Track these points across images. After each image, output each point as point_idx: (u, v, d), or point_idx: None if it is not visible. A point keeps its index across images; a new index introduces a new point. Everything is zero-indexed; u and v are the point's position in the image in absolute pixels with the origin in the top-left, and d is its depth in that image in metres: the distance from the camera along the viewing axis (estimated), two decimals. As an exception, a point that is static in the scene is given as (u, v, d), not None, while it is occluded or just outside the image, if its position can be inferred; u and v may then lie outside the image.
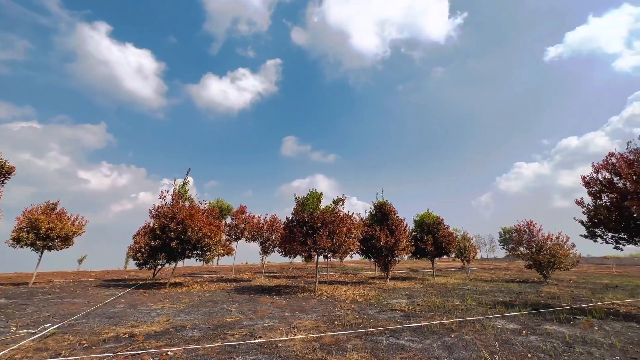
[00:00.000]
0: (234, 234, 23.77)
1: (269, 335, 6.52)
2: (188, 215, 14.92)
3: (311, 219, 13.46)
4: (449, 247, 21.07)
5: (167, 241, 14.79)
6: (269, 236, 21.46)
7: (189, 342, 6.08)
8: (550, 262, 18.05)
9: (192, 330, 7.08)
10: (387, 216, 18.54)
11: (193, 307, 10.12)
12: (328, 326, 7.41)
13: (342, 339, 6.24)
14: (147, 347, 5.71)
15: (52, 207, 17.47)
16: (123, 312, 9.37)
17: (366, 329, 7.11)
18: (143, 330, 7.00)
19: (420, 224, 21.94)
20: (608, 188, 9.45)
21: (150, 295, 13.05)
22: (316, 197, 14.56)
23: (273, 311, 9.42)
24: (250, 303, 11.00)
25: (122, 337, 6.50)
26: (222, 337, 6.40)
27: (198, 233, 14.88)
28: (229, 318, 8.37)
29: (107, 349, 5.66)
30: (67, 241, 17.51)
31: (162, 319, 8.16)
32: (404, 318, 8.37)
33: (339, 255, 16.69)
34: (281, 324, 7.68)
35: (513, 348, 5.66)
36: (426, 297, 12.39)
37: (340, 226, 13.55)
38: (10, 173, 8.17)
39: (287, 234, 14.19)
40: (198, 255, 16.52)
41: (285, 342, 6.07)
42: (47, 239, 16.58)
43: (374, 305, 10.44)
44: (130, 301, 11.51)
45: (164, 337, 6.48)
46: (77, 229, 17.95)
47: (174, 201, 16.28)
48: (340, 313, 9.07)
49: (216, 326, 7.44)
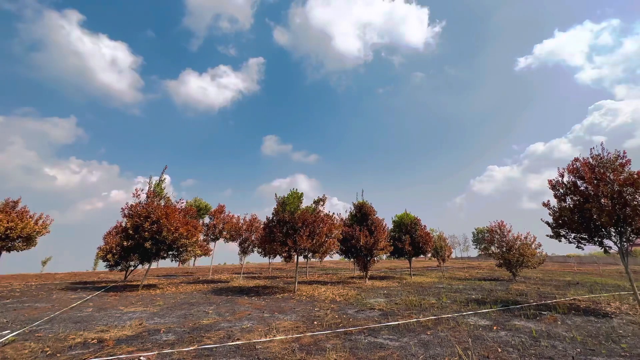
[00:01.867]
0: (212, 234, 23.19)
1: (248, 337, 6.42)
2: (164, 214, 14.40)
3: (292, 219, 13.39)
4: (425, 247, 21.66)
5: (140, 241, 14.19)
6: (248, 236, 21.15)
7: (163, 346, 5.86)
8: (519, 261, 19.02)
9: (167, 333, 6.83)
10: (367, 216, 18.80)
11: (168, 310, 9.77)
12: (307, 326, 7.41)
13: (322, 339, 6.25)
14: (117, 353, 5.45)
15: (13, 205, 16.30)
16: (91, 316, 8.89)
17: (345, 328, 7.17)
18: (113, 335, 6.67)
19: (399, 224, 22.42)
20: (572, 191, 10.08)
21: (122, 298, 12.47)
22: (297, 197, 14.50)
23: (252, 312, 9.29)
24: (228, 304, 10.78)
25: (90, 342, 6.16)
26: (199, 340, 6.23)
27: (174, 233, 14.39)
28: (205, 320, 8.15)
29: (73, 355, 5.35)
30: (29, 241, 16.40)
31: (134, 323, 7.82)
32: (382, 317, 8.51)
33: (319, 256, 16.71)
34: (260, 325, 7.58)
35: (485, 343, 5.90)
36: (403, 295, 12.67)
37: (321, 226, 13.58)
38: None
39: (267, 234, 14.04)
40: (174, 256, 15.98)
41: (264, 343, 6.00)
42: (7, 239, 15.44)
43: (353, 305, 10.55)
44: (100, 305, 10.94)
45: (136, 341, 6.21)
46: (41, 228, 16.86)
47: (149, 200, 15.65)
48: (320, 313, 9.09)
49: (192, 329, 7.23)
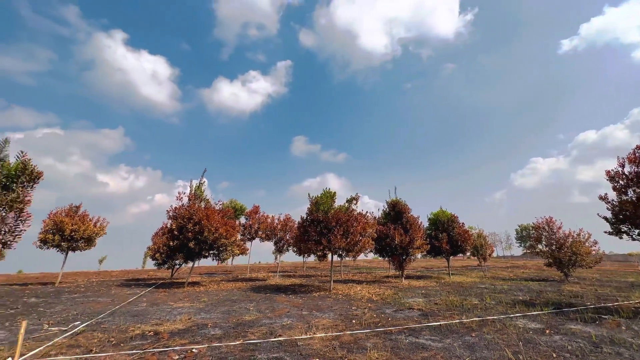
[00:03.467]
0: (248, 233, 24.09)
1: (289, 334, 6.62)
2: (204, 215, 15.22)
3: (325, 219, 13.51)
4: (464, 245, 20.74)
5: (185, 241, 15.14)
6: (282, 236, 21.66)
7: (212, 340, 6.24)
8: (572, 260, 17.52)
9: (214, 328, 7.25)
10: (401, 215, 18.40)
11: (212, 306, 10.34)
12: (346, 325, 7.46)
13: (361, 338, 6.27)
14: (172, 345, 5.90)
15: (75, 210, 18.15)
16: (146, 310, 9.68)
17: (385, 327, 7.12)
18: (167, 328, 7.22)
19: (435, 222, 21.67)
20: (635, 182, 9.11)
21: (170, 295, 13.40)
22: (330, 196, 14.60)
23: (290, 310, 9.53)
24: (267, 302, 11.15)
25: (148, 334, 6.73)
26: (244, 335, 6.54)
27: (214, 233, 15.16)
28: (248, 317, 8.52)
29: (134, 346, 5.88)
30: (89, 242, 18.16)
31: (183, 318, 8.39)
32: (422, 317, 8.32)
33: (352, 254, 16.71)
34: (299, 322, 7.77)
35: (537, 348, 5.56)
36: (443, 295, 12.26)
37: (355, 225, 13.55)
38: (39, 178, 8.54)
39: (302, 233, 14.29)
40: (214, 255, 16.84)
41: (305, 340, 6.15)
42: (71, 240, 17.24)
43: (391, 304, 10.41)
44: (152, 300, 11.86)
45: (187, 334, 6.67)
46: (99, 230, 18.59)
47: (191, 202, 16.63)
48: (357, 312, 9.10)
49: (236, 324, 7.60)
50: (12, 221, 7.95)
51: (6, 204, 7.78)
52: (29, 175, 8.28)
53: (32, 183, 8.49)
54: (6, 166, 7.96)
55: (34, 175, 8.48)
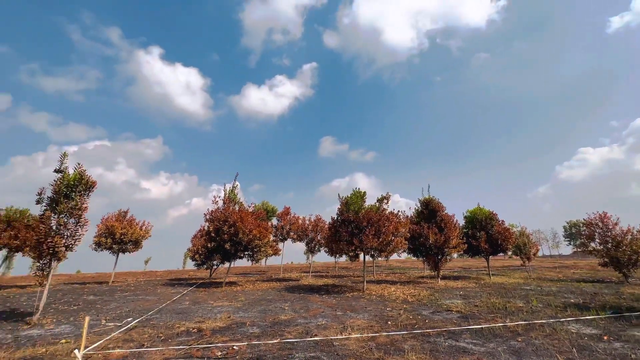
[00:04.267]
0: (280, 234, 24.60)
1: (324, 334, 6.68)
2: (239, 218, 15.81)
3: (356, 219, 13.44)
4: (505, 244, 19.56)
5: (221, 243, 15.83)
6: (314, 236, 21.87)
7: (251, 337, 6.48)
8: (632, 260, 15.85)
9: (252, 327, 7.52)
10: (435, 213, 17.79)
11: (249, 305, 10.71)
12: (382, 326, 7.37)
13: (398, 340, 6.17)
14: (214, 342, 6.21)
15: (124, 215, 19.70)
16: (189, 308, 10.26)
17: (422, 329, 6.94)
18: (209, 326, 7.61)
19: (471, 220, 20.69)
20: None
21: (210, 294, 14.08)
22: (360, 196, 14.51)
23: (324, 310, 9.61)
24: (301, 302, 11.33)
25: (192, 331, 7.14)
26: (280, 334, 6.71)
27: (248, 235, 15.69)
28: (283, 316, 8.72)
29: (181, 341, 6.27)
30: (137, 244, 19.61)
31: (223, 316, 8.79)
32: (462, 319, 7.99)
33: (385, 254, 16.45)
34: (334, 322, 7.81)
35: (594, 355, 5.12)
36: (484, 297, 11.67)
37: (387, 225, 13.34)
38: (93, 187, 9.39)
39: (333, 233, 14.33)
40: (249, 256, 17.41)
41: (341, 340, 6.18)
42: (121, 243, 18.73)
43: (427, 306, 10.11)
44: (194, 299, 12.54)
45: (228, 332, 6.98)
46: (144, 233, 20.01)
47: (225, 205, 17.36)
48: (393, 313, 8.95)
49: (273, 323, 7.81)
50: (72, 226, 8.83)
51: (67, 211, 8.67)
52: (85, 184, 9.16)
53: (88, 191, 9.37)
54: (66, 177, 8.87)
55: (89, 185, 9.35)
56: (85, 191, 9.32)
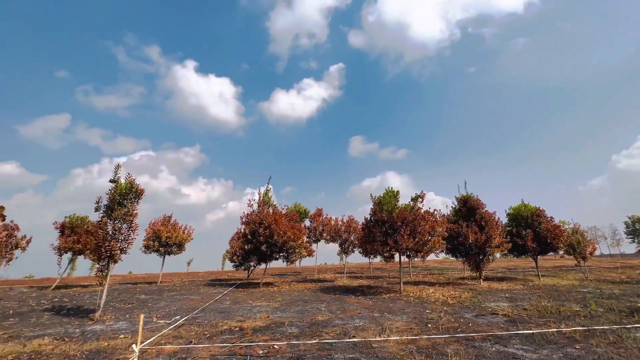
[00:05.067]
0: (313, 235, 24.83)
1: (362, 335, 6.64)
2: (273, 220, 16.22)
3: (390, 219, 13.19)
4: (555, 243, 18.06)
5: (257, 245, 16.34)
6: (347, 237, 21.80)
7: (290, 337, 6.62)
8: None
9: (290, 326, 7.68)
10: (474, 211, 16.92)
11: (287, 305, 10.95)
12: (421, 328, 7.16)
13: (440, 343, 5.96)
14: (256, 340, 6.44)
15: (168, 219, 21.08)
16: (230, 308, 10.72)
17: (465, 333, 6.63)
18: (249, 325, 7.90)
19: (515, 217, 19.40)
20: None
21: (248, 294, 14.59)
22: (393, 195, 14.22)
23: (361, 311, 9.54)
24: (337, 303, 11.34)
25: (234, 330, 7.46)
26: (318, 335, 6.78)
27: (283, 236, 16.03)
28: (320, 317, 8.80)
29: (225, 339, 6.58)
30: (180, 247, 20.89)
31: (262, 316, 9.07)
32: (510, 323, 7.52)
33: (421, 255, 15.96)
34: (372, 324, 7.73)
35: (669, 367, 4.56)
36: (533, 300, 10.87)
37: (422, 224, 12.93)
38: (142, 194, 10.19)
39: (367, 234, 14.19)
40: (284, 257, 17.78)
41: (380, 342, 6.10)
42: (167, 245, 20.06)
43: (470, 308, 9.64)
44: (234, 299, 13.07)
45: (268, 332, 7.20)
46: (187, 236, 21.26)
47: (260, 208, 17.90)
48: (432, 315, 8.66)
49: (311, 324, 7.92)
50: (125, 231, 9.68)
51: (121, 217, 9.51)
52: (134, 192, 9.99)
53: (137, 199, 10.19)
54: (119, 186, 9.73)
55: (138, 192, 10.17)
56: (135, 198, 10.14)
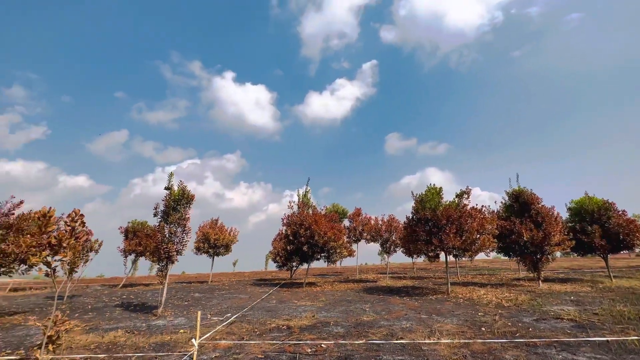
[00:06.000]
0: (353, 235, 24.70)
1: (410, 337, 6.47)
2: (313, 221, 16.47)
3: (434, 217, 12.68)
4: (629, 240, 15.94)
5: (299, 245, 16.70)
6: (388, 237, 21.35)
7: (337, 337, 6.68)
8: None
9: (336, 326, 7.74)
10: (529, 206, 15.57)
11: (331, 305, 11.04)
12: (474, 332, 6.79)
13: (496, 348, 5.60)
14: (303, 339, 6.59)
15: (215, 222, 22.40)
16: (276, 307, 11.09)
17: (526, 338, 6.15)
18: (296, 324, 8.11)
19: (578, 212, 17.51)
20: None
21: (293, 293, 14.96)
22: (435, 192, 13.66)
23: (407, 313, 9.29)
24: (381, 303, 11.17)
25: (282, 328, 7.72)
26: (365, 335, 6.75)
27: (324, 237, 16.19)
28: (365, 317, 8.74)
29: (274, 337, 6.84)
30: (227, 248, 22.08)
31: (308, 315, 9.25)
32: (577, 329, 6.82)
33: (469, 254, 15.14)
34: (419, 326, 7.50)
35: None
36: (605, 304, 9.72)
37: (469, 222, 12.24)
38: (192, 199, 10.97)
39: (409, 233, 13.79)
40: (325, 258, 17.95)
41: (430, 345, 5.90)
42: (215, 247, 21.33)
43: (529, 312, 8.91)
44: (279, 298, 13.50)
45: (314, 331, 7.33)
46: (233, 238, 22.40)
47: (300, 209, 18.28)
48: (486, 318, 8.15)
49: (356, 324, 7.90)
50: (180, 234, 10.50)
51: (176, 221, 10.34)
52: (186, 198, 10.81)
53: (189, 204, 11.00)
54: (173, 193, 10.59)
55: (189, 198, 10.98)
56: (187, 204, 10.95)
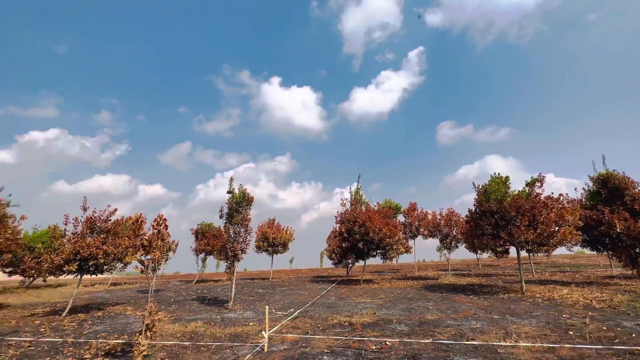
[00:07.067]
0: (410, 231, 23.86)
1: (483, 338, 6.04)
2: (367, 218, 16.30)
3: (500, 208, 11.59)
4: None
5: (354, 243, 16.69)
6: (448, 232, 20.12)
7: (401, 335, 6.54)
8: None
9: (399, 324, 7.58)
10: (621, 192, 13.32)
11: (391, 303, 10.83)
12: (560, 336, 6.06)
13: (590, 355, 4.93)
14: (366, 335, 6.59)
15: (273, 222, 23.54)
16: (336, 303, 11.26)
17: (629, 346, 5.30)
18: (357, 320, 8.14)
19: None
20: None
21: (351, 290, 15.02)
22: (501, 182, 12.47)
23: (476, 312, 8.68)
24: (446, 302, 10.62)
25: (344, 324, 7.81)
26: (431, 335, 6.49)
27: (379, 233, 15.93)
28: (429, 316, 8.40)
29: (337, 332, 6.96)
30: (285, 247, 23.04)
31: (369, 312, 9.21)
32: (700, 337, 5.65)
33: (547, 248, 13.55)
34: (492, 327, 6.95)
35: None
36: None
37: (545, 213, 10.93)
38: (252, 201, 11.69)
39: (473, 227, 12.83)
40: (382, 255, 17.66)
41: (507, 348, 5.44)
42: (274, 245, 22.43)
43: (629, 315, 7.66)
44: (338, 295, 13.67)
45: (377, 328, 7.27)
46: (289, 237, 23.30)
47: (353, 206, 18.25)
48: (573, 321, 7.21)
49: (420, 323, 7.64)
50: (243, 234, 11.28)
51: (239, 222, 11.15)
52: (247, 200, 11.58)
53: (249, 205, 11.76)
54: (235, 196, 11.42)
55: (249, 200, 11.73)
56: (247, 205, 11.71)
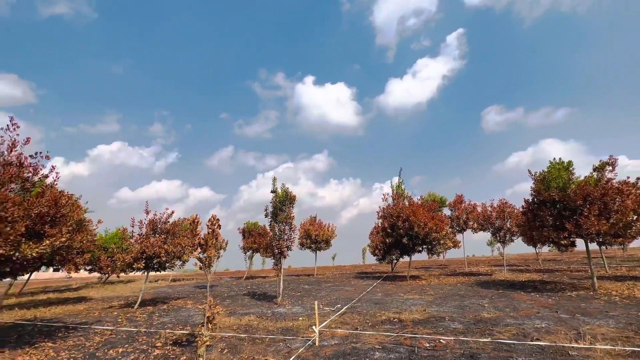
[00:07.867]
0: (457, 225, 22.66)
1: (550, 339, 5.55)
2: (411, 212, 15.80)
3: (563, 197, 10.49)
4: None
5: (398, 238, 16.30)
6: (502, 224, 18.71)
7: (456, 333, 6.26)
8: None
9: (452, 322, 7.26)
10: None
11: (441, 300, 10.41)
12: (647, 339, 5.34)
13: (688, 362, 4.27)
14: (418, 333, 6.42)
15: (314, 219, 23.91)
16: (383, 299, 11.12)
17: None
18: (407, 317, 7.96)
19: None
20: None
21: (397, 286, 14.71)
22: (562, 168, 11.27)
23: (540, 311, 7.99)
24: (503, 299, 9.92)
25: (393, 320, 7.69)
26: (489, 334, 6.12)
27: (424, 228, 15.37)
28: (485, 314, 7.92)
29: (387, 329, 6.88)
30: (327, 243, 23.29)
31: (419, 309, 8.95)
32: None
33: (622, 240, 12.05)
34: (560, 327, 6.35)
35: None
36: None
37: (619, 200, 9.66)
38: (294, 200, 11.99)
39: (531, 218, 11.80)
40: (428, 250, 17.01)
41: (580, 351, 4.93)
42: (316, 242, 22.78)
43: None
44: (384, 291, 13.48)
45: (429, 325, 7.04)
46: (331, 233, 23.49)
47: (395, 201, 17.81)
48: (662, 323, 6.30)
49: (476, 321, 7.24)
50: (288, 232, 11.62)
51: (283, 220, 11.51)
52: (289, 199, 11.90)
53: (292, 204, 12.06)
54: (278, 195, 11.80)
55: (291, 198, 12.04)
56: (290, 204, 12.02)
